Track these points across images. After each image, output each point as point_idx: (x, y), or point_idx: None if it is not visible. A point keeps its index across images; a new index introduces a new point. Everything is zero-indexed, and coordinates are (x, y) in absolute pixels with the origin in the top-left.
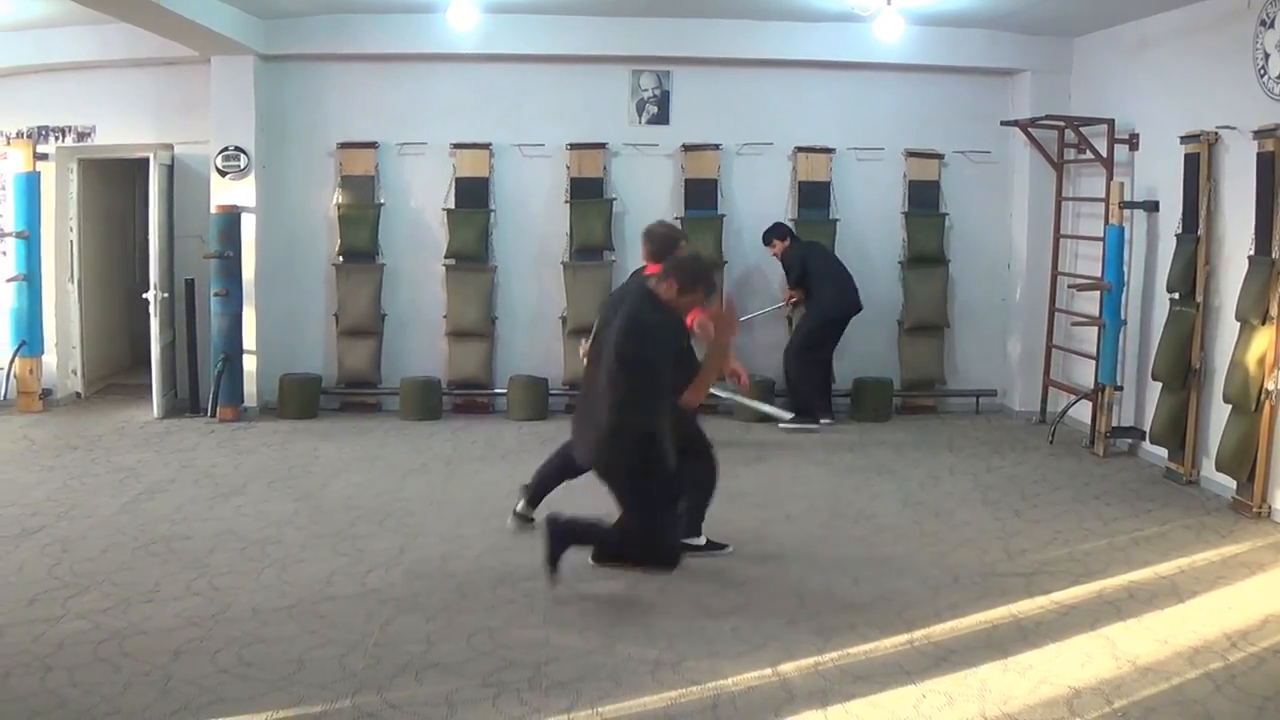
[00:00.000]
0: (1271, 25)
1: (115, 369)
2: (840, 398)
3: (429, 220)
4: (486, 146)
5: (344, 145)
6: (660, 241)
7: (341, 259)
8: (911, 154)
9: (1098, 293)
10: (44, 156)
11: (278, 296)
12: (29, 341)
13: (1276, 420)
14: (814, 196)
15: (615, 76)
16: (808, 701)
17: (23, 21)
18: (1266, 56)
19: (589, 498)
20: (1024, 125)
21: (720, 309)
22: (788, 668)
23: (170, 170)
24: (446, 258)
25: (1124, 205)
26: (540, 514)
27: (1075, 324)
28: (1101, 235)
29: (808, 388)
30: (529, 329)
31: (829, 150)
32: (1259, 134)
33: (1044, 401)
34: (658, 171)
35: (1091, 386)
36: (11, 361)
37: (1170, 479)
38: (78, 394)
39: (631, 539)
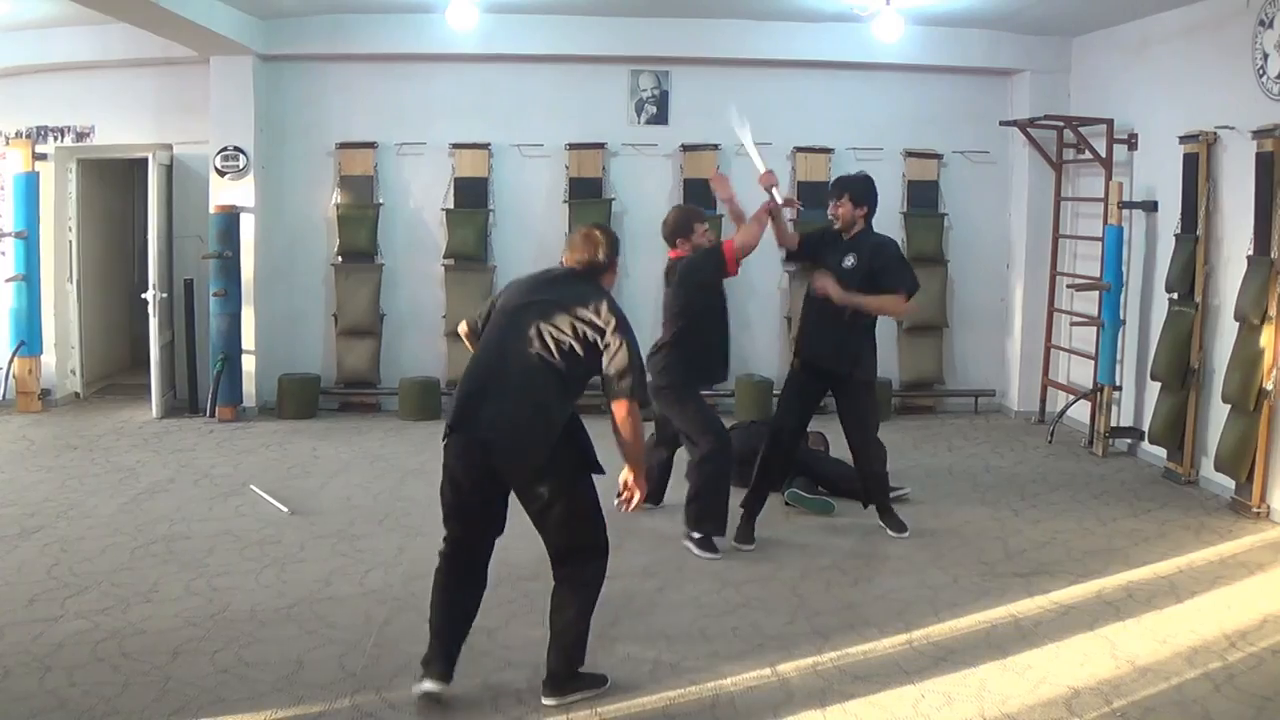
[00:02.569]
0: (1270, 25)
1: (114, 369)
2: None
3: (428, 220)
4: (485, 146)
5: (343, 145)
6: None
7: (340, 259)
8: (910, 154)
9: (1097, 293)
10: (43, 156)
11: (277, 297)
12: (28, 341)
13: (1275, 420)
14: (813, 196)
15: (614, 76)
16: (806, 701)
17: (22, 21)
18: (1265, 56)
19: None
20: (1023, 125)
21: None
22: (786, 667)
23: (169, 170)
24: (445, 258)
25: (1123, 205)
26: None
27: (1074, 324)
28: (1100, 235)
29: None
30: None
31: (828, 150)
32: (1258, 134)
33: (1043, 401)
34: (657, 171)
35: (1090, 386)
36: (10, 361)
37: (1169, 479)
38: (77, 394)
39: None
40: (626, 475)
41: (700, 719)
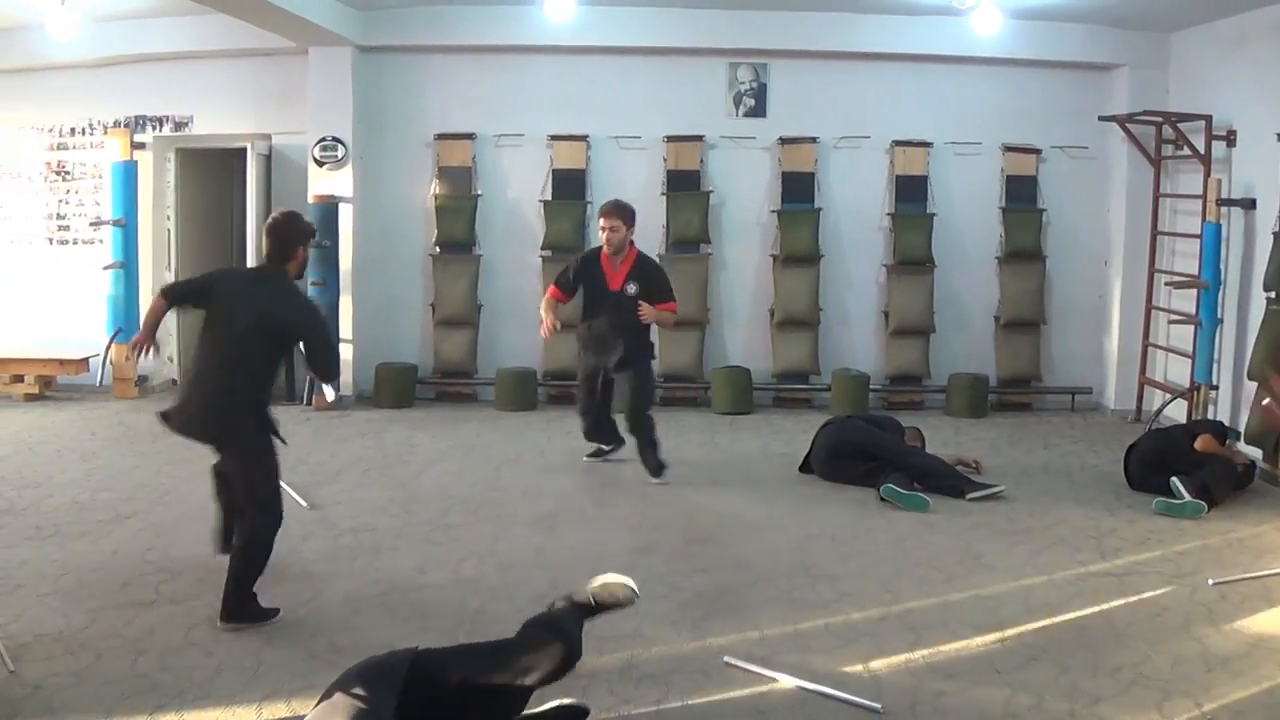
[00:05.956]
0: None
1: None
2: (935, 393)
3: (526, 212)
4: (583, 138)
5: (441, 136)
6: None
7: (438, 249)
8: (1009, 149)
9: (1194, 290)
10: (141, 146)
11: (374, 286)
12: (125, 329)
13: None
14: (911, 190)
15: (712, 69)
16: (897, 698)
17: (121, 12)
18: None
19: None
20: (1121, 121)
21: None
22: (878, 664)
23: (268, 160)
24: (543, 249)
25: (1221, 202)
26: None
27: (1172, 322)
28: (1199, 232)
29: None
30: None
31: (926, 144)
32: None
33: (1139, 400)
34: (754, 164)
35: (1187, 385)
36: (108, 348)
37: (1264, 480)
38: (174, 381)
39: None
40: None
41: (792, 715)
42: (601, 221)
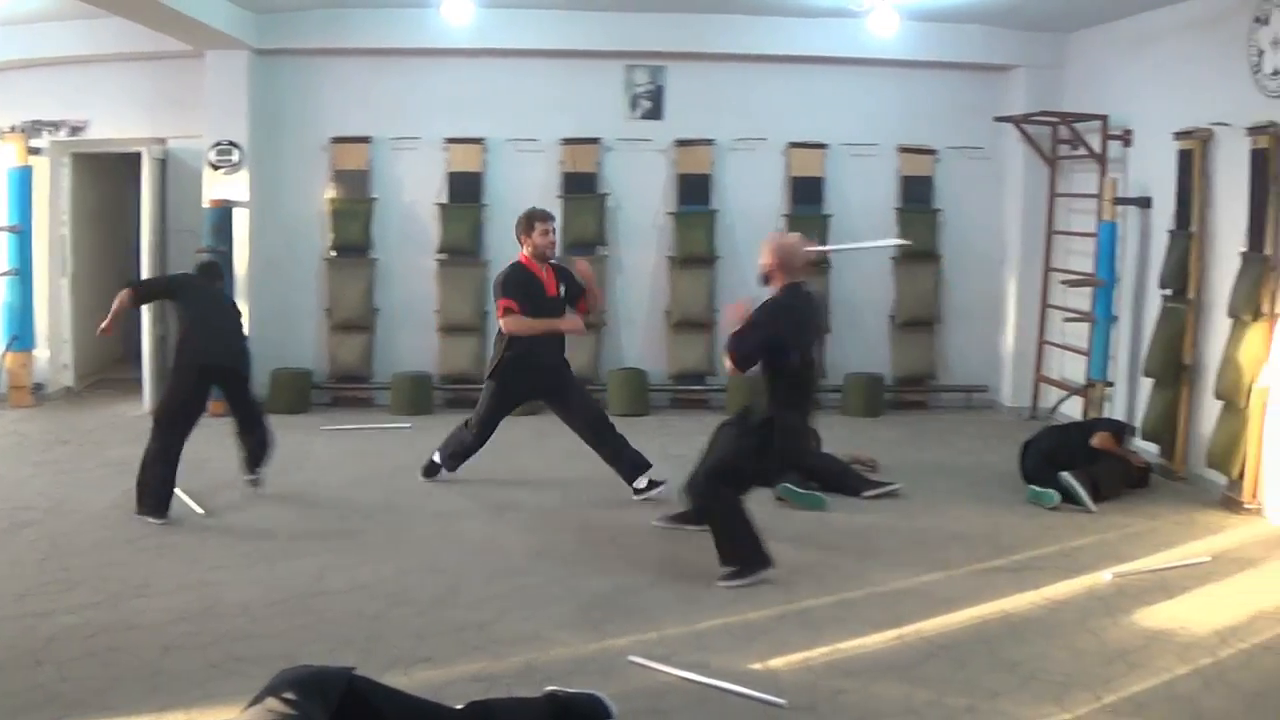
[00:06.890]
0: (1266, 22)
1: (107, 363)
2: (832, 393)
3: (421, 215)
4: (479, 141)
5: (337, 140)
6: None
7: (334, 253)
8: (905, 149)
9: (1090, 289)
10: (36, 151)
11: (270, 291)
12: (20, 336)
13: (1267, 417)
14: (807, 192)
15: (609, 71)
16: (797, 696)
17: (16, 15)
18: (1260, 53)
19: None
20: (1017, 121)
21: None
22: (777, 662)
23: (163, 165)
24: (439, 253)
25: (1117, 201)
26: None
27: (1067, 320)
28: (1094, 231)
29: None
30: None
31: (822, 146)
32: (1253, 130)
33: (1035, 397)
34: (651, 167)
35: (1083, 382)
36: (2, 356)
37: (1161, 475)
38: (69, 388)
39: None
40: None
41: (691, 714)
42: (542, 226)
